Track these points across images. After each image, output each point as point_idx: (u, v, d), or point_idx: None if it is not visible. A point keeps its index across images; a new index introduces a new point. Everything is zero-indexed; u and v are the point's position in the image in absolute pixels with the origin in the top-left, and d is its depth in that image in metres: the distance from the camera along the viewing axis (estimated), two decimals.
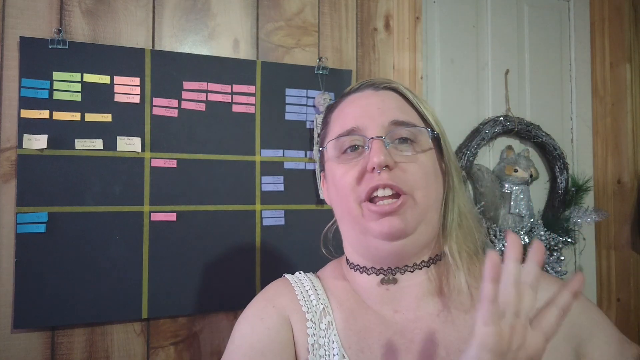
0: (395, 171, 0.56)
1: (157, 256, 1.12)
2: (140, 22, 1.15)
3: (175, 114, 1.15)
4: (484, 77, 1.59)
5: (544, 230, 1.51)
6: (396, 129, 0.58)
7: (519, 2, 1.65)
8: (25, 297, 1.01)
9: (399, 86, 0.64)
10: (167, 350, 1.13)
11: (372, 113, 0.59)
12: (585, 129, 1.73)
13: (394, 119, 0.59)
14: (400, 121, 0.59)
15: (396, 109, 0.60)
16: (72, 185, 1.06)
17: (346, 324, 0.60)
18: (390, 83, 0.63)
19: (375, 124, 0.58)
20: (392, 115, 0.59)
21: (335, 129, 0.63)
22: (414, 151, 0.58)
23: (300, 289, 0.65)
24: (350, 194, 0.57)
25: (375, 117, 0.59)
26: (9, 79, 1.04)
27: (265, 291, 0.67)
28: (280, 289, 0.66)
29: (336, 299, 0.64)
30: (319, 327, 0.60)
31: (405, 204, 0.55)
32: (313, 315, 0.61)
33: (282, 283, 0.68)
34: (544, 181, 1.64)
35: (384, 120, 0.59)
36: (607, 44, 1.69)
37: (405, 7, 1.40)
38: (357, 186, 0.57)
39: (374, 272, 0.61)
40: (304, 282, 0.67)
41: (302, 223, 1.25)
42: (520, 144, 1.62)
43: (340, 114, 0.63)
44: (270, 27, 1.27)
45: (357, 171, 0.57)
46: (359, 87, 0.65)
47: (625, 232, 1.63)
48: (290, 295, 0.64)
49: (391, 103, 0.61)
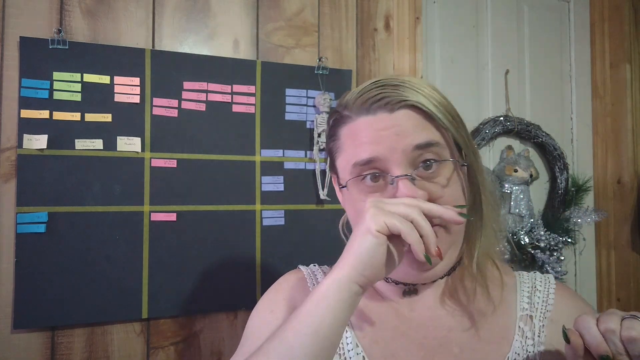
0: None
1: (157, 256, 1.12)
2: (140, 22, 1.15)
3: (175, 114, 1.15)
4: (484, 77, 1.59)
5: (544, 231, 1.51)
6: (421, 153, 0.54)
7: (519, 2, 1.65)
8: (25, 297, 1.01)
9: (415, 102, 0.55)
10: (167, 350, 1.13)
11: (390, 141, 0.54)
12: (585, 129, 1.73)
13: (417, 143, 0.54)
14: (423, 143, 0.54)
15: (416, 130, 0.54)
16: (72, 185, 1.06)
17: (360, 315, 0.61)
18: (407, 100, 0.55)
19: (396, 152, 0.53)
20: (412, 138, 0.54)
21: (348, 152, 0.58)
22: (440, 173, 0.55)
23: (313, 281, 0.66)
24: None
25: (394, 146, 0.54)
26: (9, 79, 1.04)
27: (278, 283, 0.69)
28: (292, 282, 0.67)
29: None
30: None
31: (437, 234, 0.52)
32: None
33: (295, 276, 0.69)
34: (544, 181, 1.64)
35: (406, 146, 0.53)
36: (607, 44, 1.70)
37: (405, 7, 1.40)
38: None
39: (394, 282, 0.62)
40: (317, 275, 0.68)
41: (302, 223, 1.25)
42: (520, 144, 1.62)
43: (354, 136, 0.57)
44: (270, 27, 1.27)
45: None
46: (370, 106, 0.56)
47: (625, 232, 1.63)
48: (302, 288, 0.65)
49: (409, 124, 0.55)
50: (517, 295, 0.63)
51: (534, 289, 0.63)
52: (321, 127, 1.25)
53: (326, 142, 0.66)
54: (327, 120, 0.66)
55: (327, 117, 0.68)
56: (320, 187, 1.25)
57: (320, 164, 1.26)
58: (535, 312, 0.60)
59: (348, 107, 0.59)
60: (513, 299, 0.62)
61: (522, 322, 0.60)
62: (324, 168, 1.27)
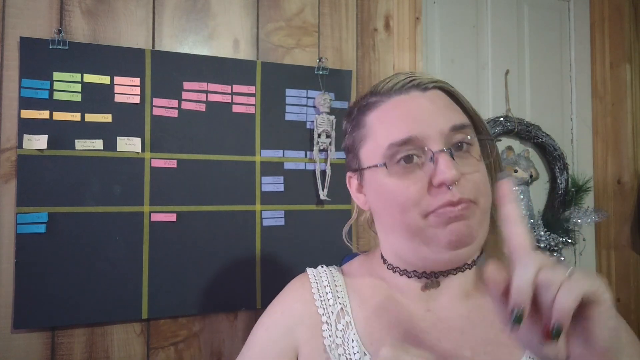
0: (463, 183, 0.53)
1: (157, 256, 1.12)
2: (140, 22, 1.15)
3: (175, 114, 1.15)
4: (484, 77, 1.59)
5: (544, 231, 1.51)
6: (455, 135, 0.55)
7: (519, 2, 1.65)
8: (25, 297, 1.01)
9: (444, 84, 0.59)
10: (167, 350, 1.13)
11: (427, 119, 0.55)
12: (585, 129, 1.73)
13: (453, 124, 0.55)
14: (459, 125, 0.55)
15: (449, 111, 0.56)
16: (72, 186, 1.06)
17: (368, 322, 0.60)
18: (437, 82, 0.59)
19: (435, 132, 0.54)
20: (449, 119, 0.55)
21: (379, 135, 0.57)
22: (471, 155, 0.56)
23: (318, 288, 0.65)
24: (413, 208, 0.54)
25: (432, 124, 0.54)
26: (9, 79, 1.04)
27: (284, 294, 0.68)
28: (297, 293, 0.66)
29: (359, 297, 0.63)
30: (335, 327, 0.60)
31: (470, 209, 0.53)
32: (329, 317, 0.61)
33: (301, 284, 0.67)
34: (544, 181, 1.64)
35: (443, 126, 0.54)
36: (607, 44, 1.69)
37: (405, 8, 1.40)
38: (423, 201, 0.53)
39: (416, 275, 0.60)
40: (323, 280, 0.66)
41: (302, 223, 1.25)
42: (520, 144, 1.62)
43: (386, 118, 0.57)
44: (270, 27, 1.27)
45: (421, 186, 0.53)
46: (401, 87, 0.58)
47: (625, 232, 1.63)
48: (307, 298, 0.64)
49: (442, 104, 0.57)
50: None
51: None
52: (321, 128, 1.25)
53: (346, 137, 0.64)
54: (348, 113, 0.64)
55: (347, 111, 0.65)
56: (320, 188, 1.25)
57: (320, 164, 1.26)
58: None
59: (376, 93, 0.60)
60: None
61: None
62: (324, 168, 1.27)
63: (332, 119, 1.26)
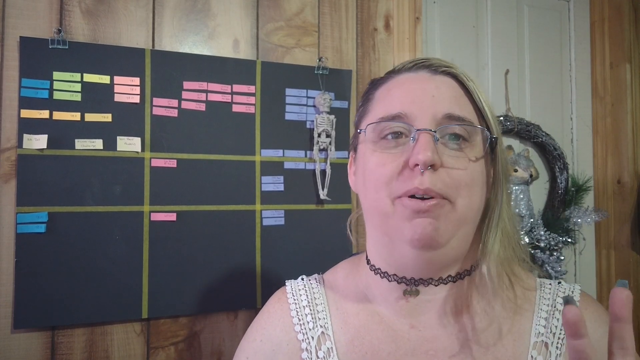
0: (440, 173, 0.49)
1: (157, 256, 1.12)
2: (140, 22, 1.15)
3: (175, 114, 1.15)
4: (484, 77, 1.59)
5: (544, 231, 1.51)
6: (449, 124, 0.51)
7: (519, 3, 1.65)
8: (25, 297, 1.01)
9: (460, 73, 0.55)
10: (167, 350, 1.13)
11: (424, 101, 0.52)
12: (585, 129, 1.73)
13: (449, 112, 0.51)
14: (456, 116, 0.51)
15: (452, 100, 0.53)
16: (72, 185, 1.06)
17: (350, 346, 0.56)
18: (449, 67, 0.55)
19: (426, 114, 0.51)
20: (447, 106, 0.52)
21: (378, 109, 0.56)
22: (464, 153, 0.51)
23: (297, 310, 0.61)
24: (384, 188, 0.51)
25: (426, 107, 0.51)
26: (9, 79, 1.04)
27: (262, 317, 0.63)
28: (275, 317, 0.62)
29: (342, 316, 0.59)
30: (316, 355, 0.56)
31: (442, 208, 0.49)
32: (309, 343, 0.58)
33: (279, 305, 0.63)
34: (544, 181, 1.64)
35: (437, 111, 0.51)
36: (607, 44, 1.69)
37: (405, 7, 1.40)
38: (393, 182, 0.50)
39: (396, 279, 0.56)
40: (302, 299, 0.62)
41: (302, 223, 1.25)
42: (520, 144, 1.62)
43: (387, 94, 0.56)
44: (270, 27, 1.27)
45: (396, 165, 0.51)
46: (413, 66, 0.56)
47: (625, 232, 1.63)
48: (285, 322, 0.60)
49: (447, 92, 0.53)
50: (533, 317, 0.55)
51: (553, 309, 0.55)
52: (321, 127, 1.25)
53: (357, 113, 0.62)
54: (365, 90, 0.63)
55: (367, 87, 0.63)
56: (320, 187, 1.25)
57: (320, 164, 1.26)
58: (552, 339, 0.53)
59: (391, 71, 0.59)
60: (528, 320, 0.55)
61: (536, 350, 0.52)
62: (324, 168, 1.27)
63: (332, 118, 1.26)
